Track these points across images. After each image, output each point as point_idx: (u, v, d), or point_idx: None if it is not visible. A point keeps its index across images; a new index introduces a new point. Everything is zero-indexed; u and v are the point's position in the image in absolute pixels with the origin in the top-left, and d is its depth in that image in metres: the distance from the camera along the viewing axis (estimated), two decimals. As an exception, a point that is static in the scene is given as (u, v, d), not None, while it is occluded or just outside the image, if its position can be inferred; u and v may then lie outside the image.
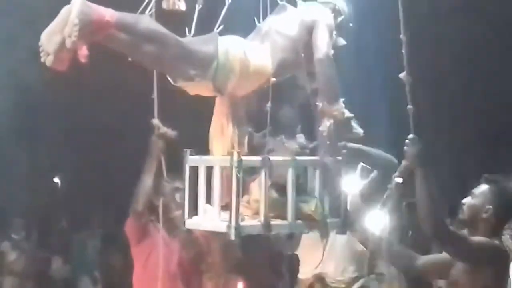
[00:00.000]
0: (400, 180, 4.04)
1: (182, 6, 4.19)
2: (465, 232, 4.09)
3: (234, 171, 3.84)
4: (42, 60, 3.67)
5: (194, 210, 4.14)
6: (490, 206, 3.99)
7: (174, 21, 4.06)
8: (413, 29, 4.04)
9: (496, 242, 3.98)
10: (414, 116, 3.99)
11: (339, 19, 4.39)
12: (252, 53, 4.04)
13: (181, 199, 4.49)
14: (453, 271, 4.01)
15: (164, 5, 4.13)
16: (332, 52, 4.19)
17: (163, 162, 4.68)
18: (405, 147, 3.94)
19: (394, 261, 4.30)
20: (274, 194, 4.03)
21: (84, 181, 11.16)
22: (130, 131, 6.59)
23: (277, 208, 4.02)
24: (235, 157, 3.85)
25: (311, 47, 4.18)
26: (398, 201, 4.29)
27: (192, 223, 4.18)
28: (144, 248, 4.94)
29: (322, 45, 4.14)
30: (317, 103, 4.12)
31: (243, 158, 3.89)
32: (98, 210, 10.99)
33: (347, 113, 4.14)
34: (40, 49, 3.68)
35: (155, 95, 4.56)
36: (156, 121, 4.64)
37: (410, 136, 3.94)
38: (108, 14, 3.70)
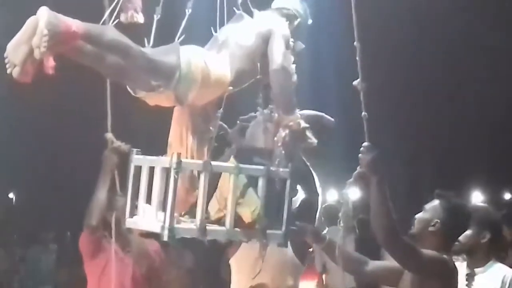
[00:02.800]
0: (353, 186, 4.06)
1: (141, 19, 4.19)
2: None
3: (172, 172, 3.80)
4: (8, 71, 3.60)
5: (135, 210, 4.09)
6: (438, 220, 4.02)
7: (132, 31, 4.05)
8: (369, 36, 4.05)
9: (445, 256, 3.99)
10: (369, 123, 3.99)
11: (296, 22, 4.43)
12: (213, 63, 4.04)
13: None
14: (402, 283, 4.04)
15: (123, 18, 4.13)
16: (290, 61, 4.21)
17: (117, 177, 4.66)
18: (359, 155, 3.92)
19: (344, 264, 4.28)
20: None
21: (38, 196, 11.05)
22: (84, 145, 6.54)
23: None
24: (174, 159, 3.82)
25: (267, 57, 4.20)
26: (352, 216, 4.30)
27: (131, 222, 4.12)
28: (98, 263, 4.90)
29: (278, 56, 4.16)
30: (273, 113, 4.14)
31: (184, 160, 3.86)
32: (53, 225, 10.90)
33: (303, 124, 4.16)
34: (6, 61, 3.61)
35: (108, 109, 4.53)
36: (109, 136, 4.62)
37: (365, 143, 3.93)
38: (75, 24, 3.67)
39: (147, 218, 3.99)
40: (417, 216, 4.12)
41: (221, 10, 4.17)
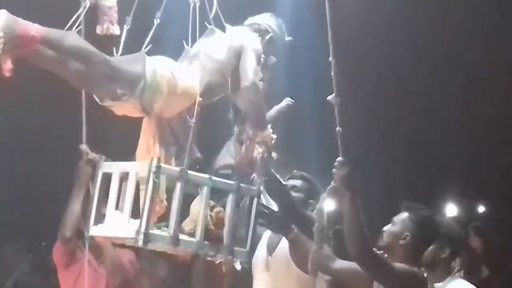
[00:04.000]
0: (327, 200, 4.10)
1: (116, 31, 4.20)
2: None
3: (152, 176, 3.81)
4: None
5: (101, 218, 4.07)
6: (408, 233, 4.05)
7: (102, 40, 4.06)
8: (344, 52, 4.09)
9: (416, 269, 4.03)
10: (342, 138, 4.03)
11: (267, 37, 4.46)
12: (180, 74, 4.05)
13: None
14: None
15: (98, 31, 4.15)
16: (260, 77, 4.24)
17: (91, 188, 4.66)
18: (333, 170, 3.96)
19: (311, 257, 4.28)
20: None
21: (11, 206, 10.97)
22: (58, 156, 6.52)
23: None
24: (154, 162, 3.83)
25: (238, 72, 4.23)
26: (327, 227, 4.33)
27: (96, 229, 4.10)
28: (71, 273, 4.91)
29: (249, 73, 4.20)
30: (247, 129, 4.17)
31: (163, 165, 3.87)
32: (27, 234, 10.82)
33: (275, 138, 4.20)
34: None
35: (83, 120, 4.55)
36: (84, 147, 4.63)
37: (339, 158, 3.96)
38: (34, 29, 3.68)
39: (118, 224, 3.97)
40: (386, 228, 4.14)
41: (193, 23, 4.18)
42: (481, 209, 9.20)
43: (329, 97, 4.01)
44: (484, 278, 7.34)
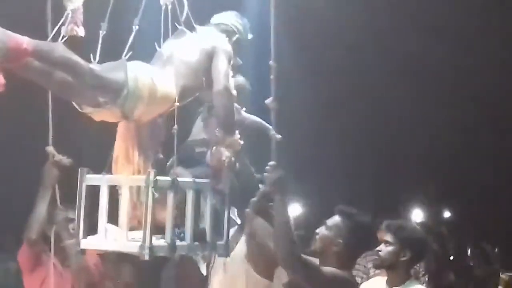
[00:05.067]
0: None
1: (81, 32, 4.17)
2: (317, 261, 4.12)
3: (150, 190, 3.81)
4: None
5: (90, 230, 4.05)
6: (341, 240, 4.06)
7: (78, 48, 4.05)
8: (286, 56, 4.10)
9: (346, 274, 4.04)
10: (276, 142, 4.04)
11: (234, 38, 4.47)
12: (159, 79, 4.04)
13: (74, 227, 4.48)
14: None
15: (63, 32, 4.12)
16: (231, 80, 4.25)
17: (57, 191, 4.64)
18: (265, 173, 3.98)
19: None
20: None
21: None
22: (24, 158, 6.48)
23: None
24: (151, 176, 3.83)
25: (210, 72, 4.23)
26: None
27: (89, 243, 4.07)
28: (37, 277, 4.87)
29: (222, 76, 4.20)
30: (216, 133, 4.18)
31: (158, 178, 3.87)
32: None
33: (241, 143, 4.22)
34: None
35: (49, 122, 4.52)
36: (50, 149, 4.59)
37: (271, 162, 3.98)
38: (25, 41, 3.65)
39: (116, 238, 3.97)
40: (319, 232, 4.16)
41: (165, 26, 4.15)
42: (447, 214, 9.28)
43: (267, 101, 4.03)
44: (449, 283, 7.42)
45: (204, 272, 4.82)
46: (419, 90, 9.02)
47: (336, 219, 4.14)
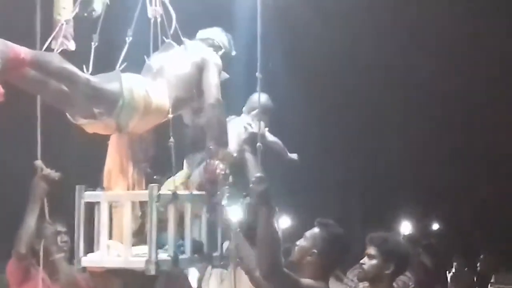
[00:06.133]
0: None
1: (72, 46, 4.18)
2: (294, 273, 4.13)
3: (155, 205, 3.84)
4: None
5: (89, 248, 4.08)
6: (315, 250, 4.09)
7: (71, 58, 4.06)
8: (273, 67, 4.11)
9: (322, 285, 4.08)
10: (262, 153, 4.07)
11: (220, 53, 4.49)
12: (153, 91, 4.07)
13: (62, 241, 4.47)
14: None
15: (53, 45, 4.12)
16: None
17: (46, 205, 4.62)
18: (251, 185, 3.99)
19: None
20: None
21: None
22: (12, 171, 6.45)
23: None
24: (155, 191, 3.85)
25: (201, 85, 4.26)
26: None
27: (91, 260, 4.09)
28: (25, 290, 4.86)
29: (213, 89, 4.24)
30: (210, 146, 4.18)
31: (161, 193, 3.90)
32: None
33: (234, 156, 4.23)
34: None
35: (38, 135, 4.51)
36: (39, 163, 4.59)
37: (257, 174, 3.99)
38: (23, 51, 3.66)
39: (115, 254, 3.99)
40: (298, 243, 4.20)
41: (154, 39, 4.19)
42: (433, 227, 9.31)
43: (253, 112, 4.04)
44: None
45: (194, 285, 4.83)
46: (411, 98, 9.05)
47: (314, 230, 4.18)
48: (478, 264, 8.02)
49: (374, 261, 4.35)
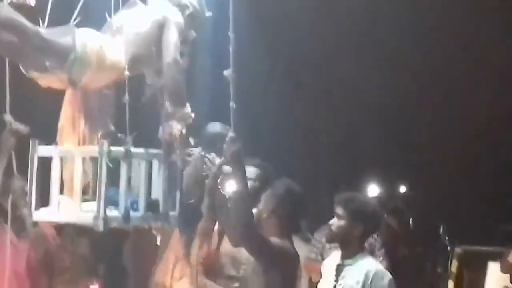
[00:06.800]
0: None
1: (31, 1, 4.10)
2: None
3: (104, 160, 3.83)
4: None
5: (42, 202, 4.06)
6: (269, 208, 4.16)
7: (27, 12, 3.98)
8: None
9: (287, 243, 4.12)
10: (235, 113, 4.06)
11: (187, 13, 4.43)
12: (108, 47, 4.05)
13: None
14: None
15: None
16: (180, 52, 4.24)
17: (14, 159, 4.55)
18: (224, 145, 4.00)
19: None
20: None
21: None
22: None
23: None
24: (105, 147, 3.83)
25: (161, 44, 4.22)
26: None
27: (42, 215, 4.09)
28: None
29: (171, 48, 4.19)
30: (166, 106, 4.15)
31: (113, 148, 3.89)
32: None
33: (192, 116, 4.20)
34: None
35: (7, 90, 4.44)
36: (8, 117, 4.51)
37: (230, 134, 4.00)
38: None
39: (69, 210, 3.97)
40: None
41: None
42: (401, 190, 9.34)
43: (225, 72, 4.03)
44: (402, 257, 7.49)
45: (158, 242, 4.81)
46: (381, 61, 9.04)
47: (267, 190, 4.24)
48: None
49: (342, 222, 4.34)
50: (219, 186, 4.15)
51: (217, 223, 4.43)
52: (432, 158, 9.41)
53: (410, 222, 8.16)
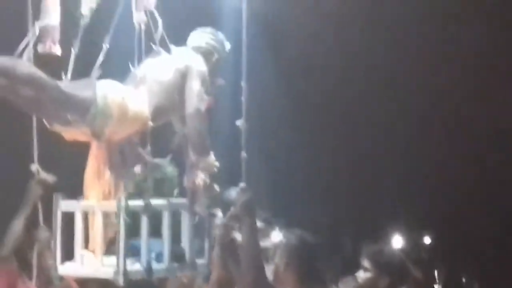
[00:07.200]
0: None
1: (58, 51, 4.16)
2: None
3: (122, 215, 3.83)
4: None
5: (67, 256, 4.08)
6: (285, 261, 4.10)
7: (51, 65, 4.04)
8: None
9: None
10: (246, 164, 4.07)
11: (213, 59, 4.45)
12: (130, 98, 4.07)
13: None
14: None
15: (40, 49, 4.11)
16: (204, 102, 4.25)
17: (40, 209, 4.58)
18: (235, 195, 4.02)
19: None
20: None
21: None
22: (8, 176, 6.40)
23: None
24: (123, 202, 3.85)
25: (184, 93, 4.25)
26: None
27: (66, 269, 4.09)
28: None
29: (194, 98, 4.22)
30: (190, 155, 4.17)
31: (130, 203, 3.89)
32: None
33: (217, 165, 4.20)
34: None
35: (34, 140, 4.47)
36: (35, 167, 4.54)
37: (241, 184, 4.00)
38: None
39: (91, 264, 3.99)
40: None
41: (139, 46, 4.18)
42: (427, 241, 9.26)
43: (238, 122, 4.04)
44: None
45: None
46: (404, 103, 9.01)
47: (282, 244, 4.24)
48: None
49: (368, 274, 4.32)
50: (230, 237, 4.16)
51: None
52: (458, 208, 9.36)
53: (436, 274, 8.08)
